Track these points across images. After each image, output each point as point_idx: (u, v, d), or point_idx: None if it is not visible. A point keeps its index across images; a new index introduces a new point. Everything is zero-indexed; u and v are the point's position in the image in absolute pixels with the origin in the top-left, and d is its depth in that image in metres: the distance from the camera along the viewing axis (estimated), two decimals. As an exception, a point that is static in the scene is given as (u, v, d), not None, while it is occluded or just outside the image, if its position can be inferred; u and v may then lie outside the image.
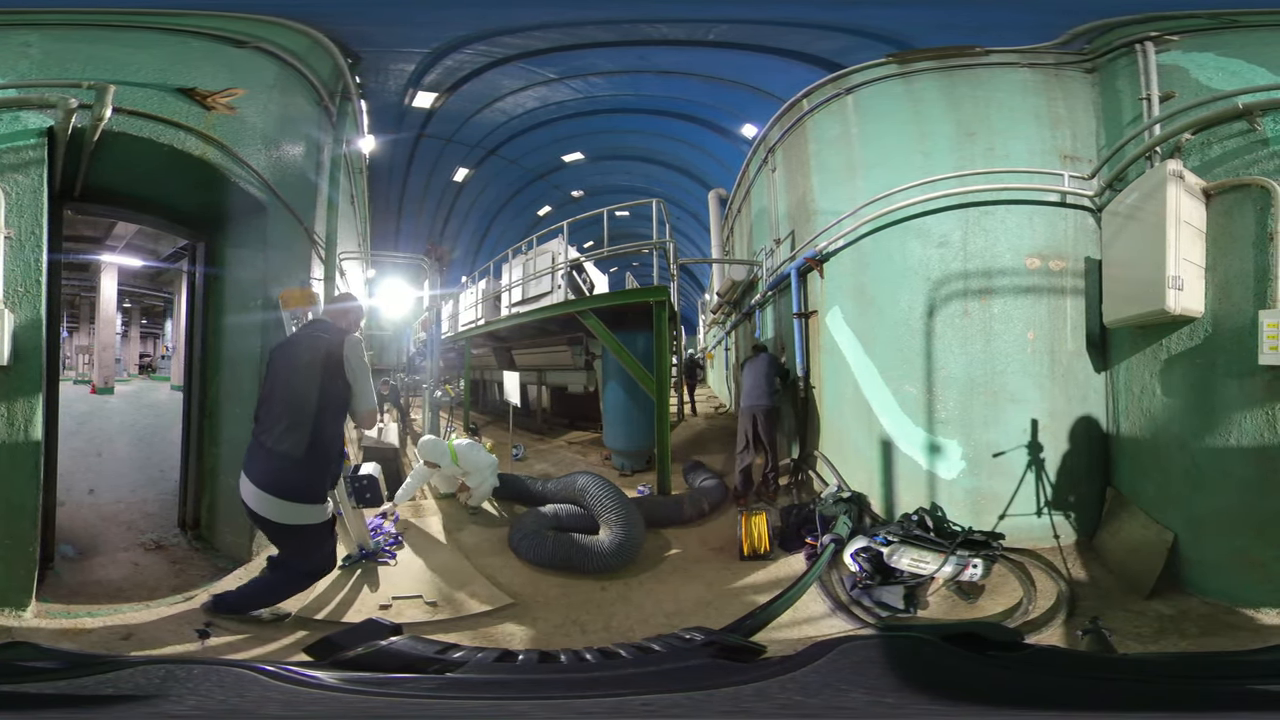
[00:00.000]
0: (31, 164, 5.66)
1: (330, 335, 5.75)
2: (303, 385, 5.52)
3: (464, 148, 15.03)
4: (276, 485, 5.40)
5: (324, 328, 5.86)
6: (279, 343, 6.15)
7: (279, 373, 5.71)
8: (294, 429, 5.43)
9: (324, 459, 5.61)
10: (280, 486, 5.41)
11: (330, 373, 5.51)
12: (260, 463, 5.46)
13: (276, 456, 5.40)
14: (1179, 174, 6.19)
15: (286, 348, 5.88)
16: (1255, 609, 5.85)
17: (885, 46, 8.66)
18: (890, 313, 8.39)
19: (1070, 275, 7.75)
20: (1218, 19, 6.97)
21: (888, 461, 8.37)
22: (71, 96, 5.70)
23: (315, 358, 5.54)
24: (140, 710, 1.76)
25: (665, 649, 2.30)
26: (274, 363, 5.82)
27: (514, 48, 10.93)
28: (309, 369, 5.53)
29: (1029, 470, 7.57)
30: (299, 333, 6.11)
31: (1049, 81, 8.03)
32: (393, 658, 2.15)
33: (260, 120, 7.22)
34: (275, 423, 5.49)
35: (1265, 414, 5.83)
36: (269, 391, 5.70)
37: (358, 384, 5.62)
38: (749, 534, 7.94)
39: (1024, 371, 7.73)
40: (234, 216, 7.32)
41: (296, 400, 5.51)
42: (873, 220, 8.58)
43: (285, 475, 5.42)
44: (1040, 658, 2.47)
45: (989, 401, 7.75)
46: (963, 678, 1.88)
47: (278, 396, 5.61)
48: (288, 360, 5.71)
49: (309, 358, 5.57)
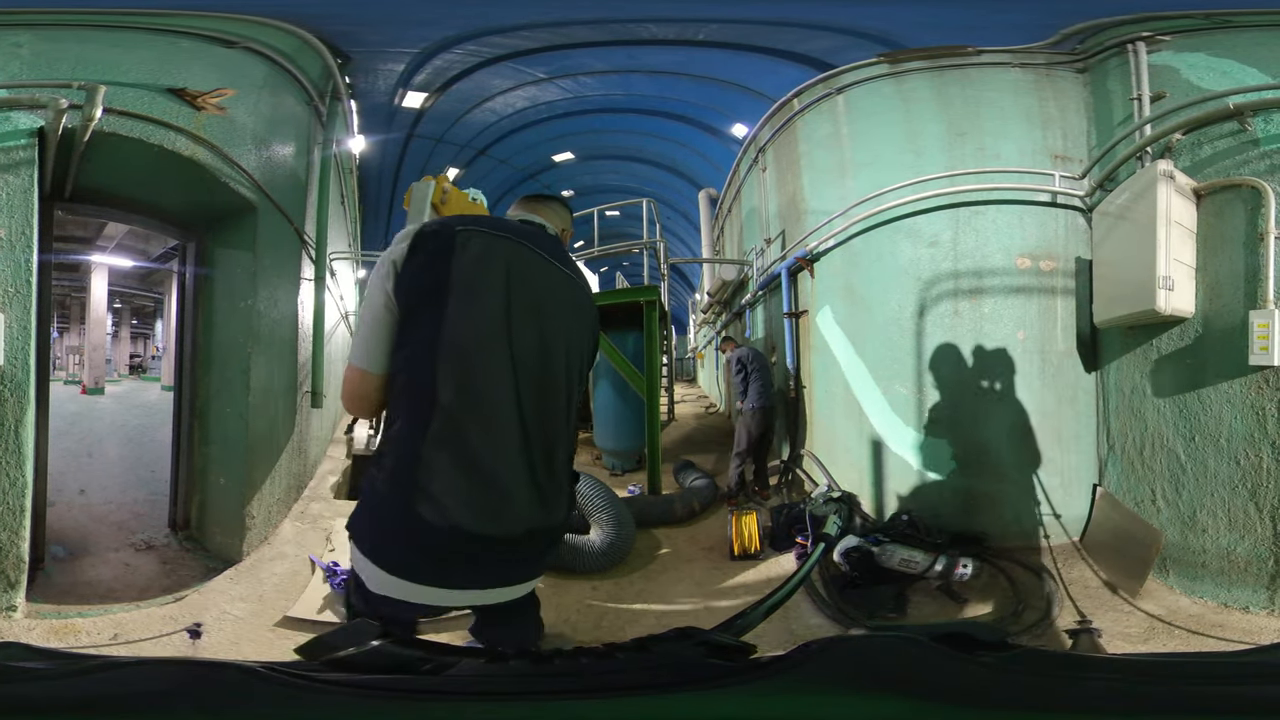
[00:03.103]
0: (22, 164, 5.63)
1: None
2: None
3: (454, 147, 15.04)
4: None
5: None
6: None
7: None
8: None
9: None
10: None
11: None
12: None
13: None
14: (1170, 174, 6.20)
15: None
16: (1244, 610, 5.86)
17: (876, 46, 8.66)
18: (881, 312, 8.40)
19: (1061, 275, 7.76)
20: (1211, 19, 6.98)
21: (878, 461, 8.38)
22: (62, 97, 5.67)
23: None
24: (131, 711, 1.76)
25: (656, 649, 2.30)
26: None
27: (503, 47, 10.93)
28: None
29: (1018, 470, 7.59)
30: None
31: (1040, 81, 8.03)
32: (384, 658, 2.15)
33: (250, 120, 7.19)
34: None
35: (1255, 414, 5.84)
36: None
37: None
38: (739, 534, 7.95)
39: (1014, 371, 7.74)
40: (224, 217, 7.30)
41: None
42: (863, 220, 8.59)
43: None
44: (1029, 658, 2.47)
45: (979, 401, 7.76)
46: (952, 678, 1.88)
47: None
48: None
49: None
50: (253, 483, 7.22)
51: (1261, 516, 5.80)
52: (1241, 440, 5.94)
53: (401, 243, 2.98)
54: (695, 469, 11.21)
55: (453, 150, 15.06)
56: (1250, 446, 5.87)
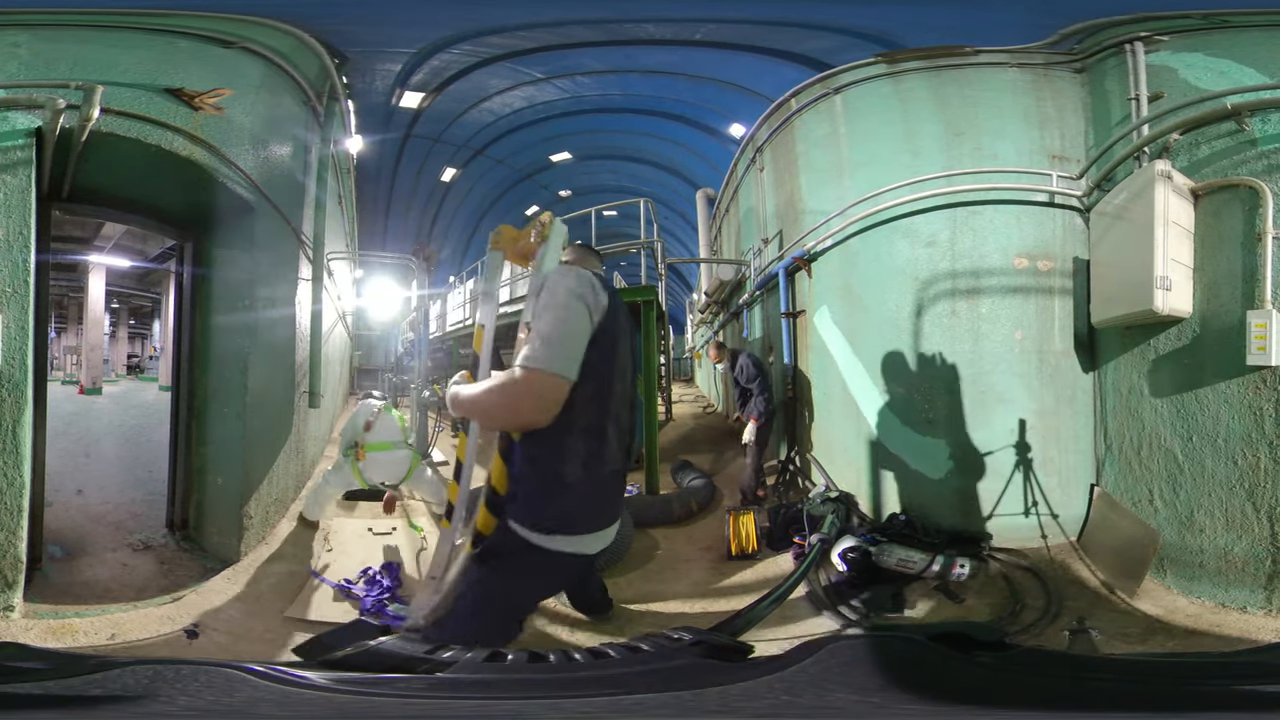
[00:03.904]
0: (20, 164, 5.64)
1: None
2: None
3: (451, 148, 15.03)
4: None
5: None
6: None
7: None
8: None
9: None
10: None
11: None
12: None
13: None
14: (1167, 174, 6.21)
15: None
16: (1242, 609, 5.87)
17: (874, 46, 8.66)
18: (878, 312, 8.40)
19: (1058, 275, 7.76)
20: (1209, 19, 6.98)
21: (875, 461, 8.38)
22: (60, 97, 5.68)
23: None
24: (128, 710, 1.76)
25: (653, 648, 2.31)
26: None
27: (501, 47, 10.93)
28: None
29: (1016, 470, 7.59)
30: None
31: (1038, 81, 8.04)
32: (382, 657, 2.15)
33: (248, 120, 7.20)
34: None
35: (1253, 414, 5.85)
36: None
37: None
38: (737, 534, 7.95)
39: (1011, 371, 7.75)
40: (221, 217, 7.30)
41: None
42: (861, 220, 8.59)
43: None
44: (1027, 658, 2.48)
45: (977, 401, 7.77)
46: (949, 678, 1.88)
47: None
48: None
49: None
50: (250, 483, 7.22)
51: (1259, 516, 5.80)
52: (1239, 440, 5.95)
53: (597, 293, 3.96)
54: (693, 469, 11.19)
55: (450, 150, 15.06)
56: (1248, 446, 5.88)
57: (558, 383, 3.70)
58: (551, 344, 3.71)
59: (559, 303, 3.81)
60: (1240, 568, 5.93)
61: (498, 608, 4.16)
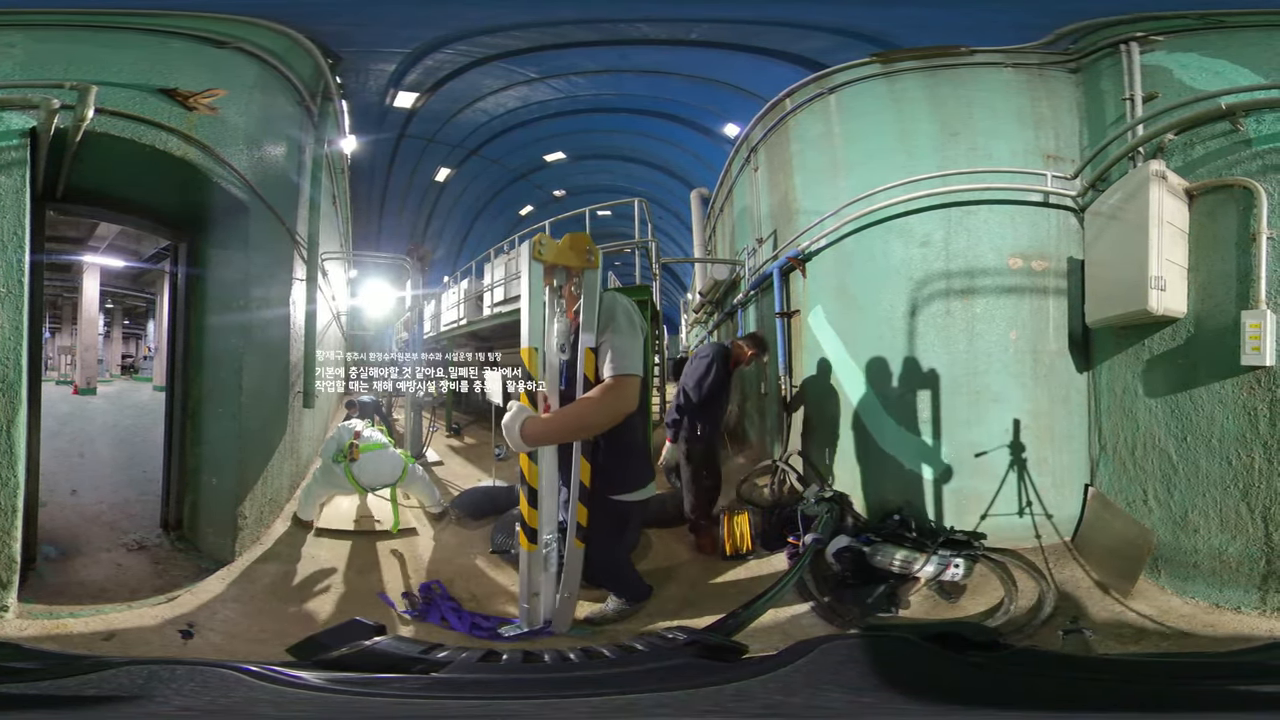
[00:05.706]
0: (14, 164, 5.64)
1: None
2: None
3: (445, 148, 15.00)
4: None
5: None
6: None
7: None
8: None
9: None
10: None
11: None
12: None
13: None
14: (1162, 174, 6.21)
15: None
16: (1236, 610, 5.88)
17: (868, 46, 8.65)
18: (872, 312, 8.39)
19: (1053, 275, 7.75)
20: (1204, 19, 6.98)
21: (869, 461, 8.38)
22: (54, 97, 5.68)
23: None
24: (124, 711, 1.76)
25: (647, 648, 2.31)
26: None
27: (494, 47, 10.90)
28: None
29: (1011, 470, 7.59)
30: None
31: (1033, 81, 8.03)
32: (377, 658, 2.15)
33: (242, 121, 7.19)
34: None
35: (1247, 414, 5.86)
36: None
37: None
38: (731, 533, 7.94)
39: (1006, 371, 7.75)
40: (216, 217, 7.30)
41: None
42: (855, 220, 8.58)
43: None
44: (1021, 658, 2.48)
45: (971, 401, 7.77)
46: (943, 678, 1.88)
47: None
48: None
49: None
50: (245, 483, 7.22)
51: (1253, 517, 5.82)
52: (1233, 440, 5.96)
53: (637, 311, 5.75)
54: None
55: (444, 150, 15.02)
56: (1242, 447, 5.89)
57: (638, 380, 5.29)
58: (629, 354, 5.29)
59: (629, 322, 5.53)
60: (1234, 568, 5.94)
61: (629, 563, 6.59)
